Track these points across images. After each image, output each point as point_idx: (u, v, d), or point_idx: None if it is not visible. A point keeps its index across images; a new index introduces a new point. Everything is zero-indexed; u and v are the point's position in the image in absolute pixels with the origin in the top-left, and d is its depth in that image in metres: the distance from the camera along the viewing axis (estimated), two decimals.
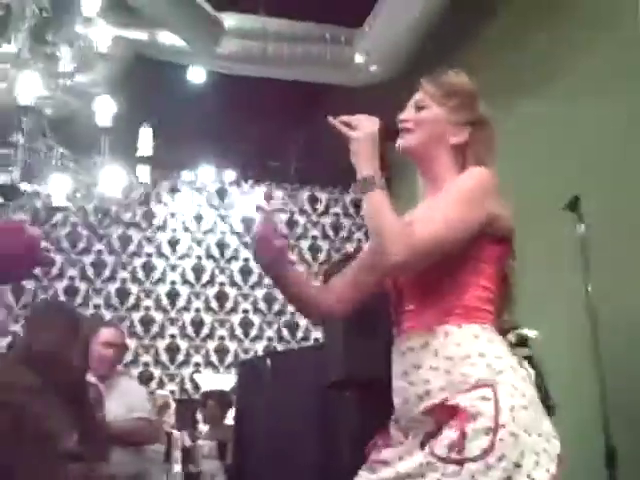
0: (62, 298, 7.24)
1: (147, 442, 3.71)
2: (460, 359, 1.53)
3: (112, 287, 7.58)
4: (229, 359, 7.60)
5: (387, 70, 6.03)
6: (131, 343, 7.41)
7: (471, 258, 1.60)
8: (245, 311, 7.84)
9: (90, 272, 7.54)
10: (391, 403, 1.67)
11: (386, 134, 1.67)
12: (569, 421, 3.03)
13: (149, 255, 7.75)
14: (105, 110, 4.22)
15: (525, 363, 1.66)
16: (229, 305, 7.83)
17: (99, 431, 2.86)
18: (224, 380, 6.49)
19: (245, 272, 7.94)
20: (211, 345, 7.67)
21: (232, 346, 7.70)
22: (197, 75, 6.91)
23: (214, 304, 7.79)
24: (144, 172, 4.36)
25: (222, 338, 7.71)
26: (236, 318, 7.80)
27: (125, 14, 5.46)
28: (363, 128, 1.61)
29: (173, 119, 6.93)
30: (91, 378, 3.35)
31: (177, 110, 6.86)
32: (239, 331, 7.77)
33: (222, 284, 7.88)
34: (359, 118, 1.63)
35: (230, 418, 5.43)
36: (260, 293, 7.93)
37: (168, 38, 5.79)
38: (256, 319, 7.84)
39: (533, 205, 4.21)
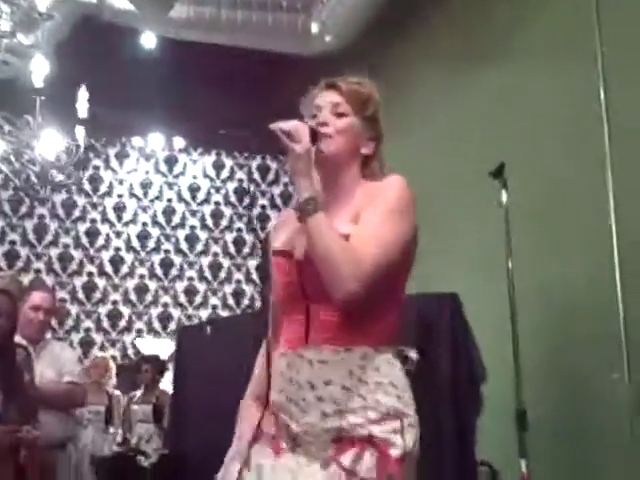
0: (2, 263, 7.14)
1: (76, 406, 3.71)
2: (375, 385, 1.51)
3: (54, 252, 7.50)
4: (172, 326, 7.61)
5: (342, 40, 6.01)
6: (73, 309, 7.37)
7: (395, 276, 1.56)
8: (190, 279, 7.84)
9: (32, 237, 7.45)
10: None
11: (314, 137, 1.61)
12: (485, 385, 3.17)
13: (93, 221, 7.68)
14: (39, 71, 4.13)
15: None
16: (174, 272, 7.81)
17: (26, 392, 2.85)
18: (165, 346, 6.50)
19: (191, 239, 7.92)
20: (154, 312, 7.66)
21: (176, 313, 7.70)
22: (148, 40, 6.79)
23: (159, 271, 7.77)
24: (80, 134, 4.30)
25: (166, 305, 7.70)
26: (181, 285, 7.80)
27: None
28: (301, 141, 1.54)
29: (123, 84, 6.83)
30: (21, 341, 3.33)
31: (128, 75, 6.75)
32: (183, 298, 7.77)
33: (167, 251, 7.85)
34: (296, 128, 1.55)
35: (165, 382, 5.47)
36: (206, 261, 7.93)
37: (118, 1, 5.68)
38: (201, 287, 7.85)
39: (466, 171, 4.34)
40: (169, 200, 7.96)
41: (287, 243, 1.64)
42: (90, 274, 7.55)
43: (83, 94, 4.32)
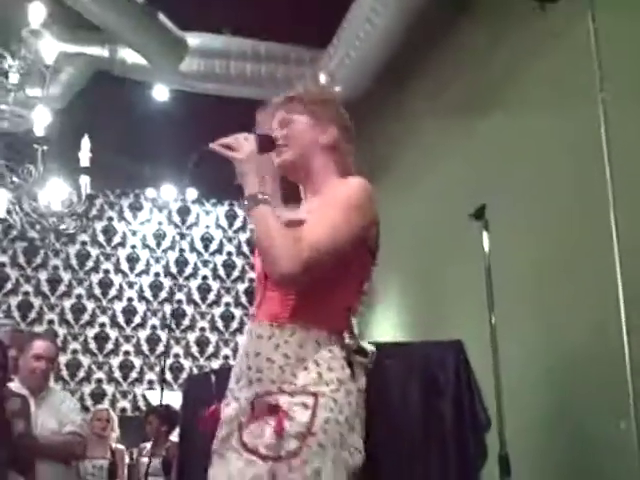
0: (16, 314, 7.18)
1: (76, 457, 3.66)
2: (296, 361, 1.57)
3: (67, 303, 7.53)
4: (184, 377, 7.56)
5: (351, 91, 6.10)
6: (84, 360, 7.37)
7: (344, 265, 1.63)
8: (202, 329, 7.83)
9: (45, 288, 7.50)
10: None
11: (274, 145, 1.74)
12: None
13: (107, 272, 7.73)
14: (41, 120, 4.23)
15: (361, 372, 1.69)
16: (186, 323, 7.81)
17: (17, 443, 2.82)
18: (175, 398, 6.43)
19: (203, 290, 7.93)
20: (166, 363, 7.64)
21: (187, 364, 7.66)
22: (160, 93, 6.93)
23: (170, 321, 7.78)
24: (84, 183, 4.36)
25: (177, 356, 7.67)
26: (192, 336, 7.78)
27: (87, 31, 5.51)
28: (243, 148, 1.66)
29: (136, 136, 6.94)
30: (22, 390, 3.32)
31: (140, 127, 6.87)
32: (195, 349, 7.74)
33: (179, 302, 7.86)
34: (237, 138, 1.68)
35: (175, 435, 5.38)
36: (218, 311, 7.92)
37: (130, 56, 5.82)
38: (213, 337, 7.82)
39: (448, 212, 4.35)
40: (182, 250, 8.00)
41: None
42: (102, 325, 7.56)
43: (86, 143, 4.40)
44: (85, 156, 4.32)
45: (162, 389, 7.38)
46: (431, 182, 5.34)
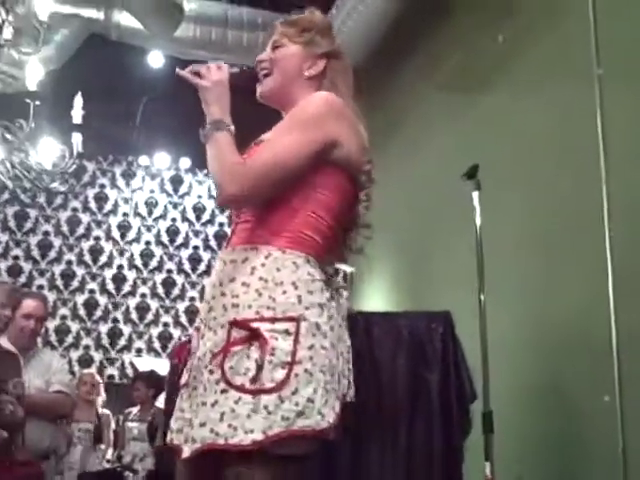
0: (5, 278, 7.16)
1: (63, 415, 3.67)
2: (274, 284, 1.51)
3: (57, 269, 7.52)
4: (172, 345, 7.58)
5: (349, 59, 6.07)
6: (73, 326, 7.38)
7: (306, 183, 1.59)
8: (192, 299, 7.83)
9: (36, 253, 7.48)
10: None
11: (246, 81, 1.73)
12: None
13: (97, 239, 7.71)
14: (34, 74, 4.17)
15: (341, 294, 1.65)
16: (175, 292, 7.80)
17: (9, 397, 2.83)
18: (163, 365, 6.44)
19: (194, 260, 7.92)
20: (155, 331, 7.64)
21: (176, 333, 7.68)
22: (156, 59, 6.88)
23: (160, 290, 7.77)
24: (76, 141, 4.31)
25: (166, 325, 7.68)
26: (182, 305, 7.78)
27: None
28: (211, 76, 1.64)
29: (131, 103, 6.90)
30: (11, 348, 3.32)
31: (135, 94, 6.82)
32: (184, 318, 7.75)
33: (170, 271, 7.85)
34: (209, 67, 1.66)
35: (161, 401, 5.40)
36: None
37: (126, 19, 5.75)
38: None
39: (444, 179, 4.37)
40: (173, 220, 7.98)
41: None
42: (92, 291, 7.55)
43: (79, 101, 4.35)
44: (78, 114, 4.27)
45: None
46: (428, 151, 5.34)
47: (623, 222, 3.29)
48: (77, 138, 4.27)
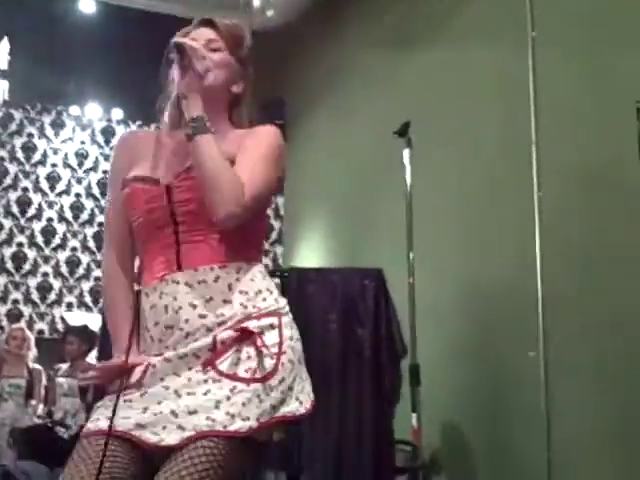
0: None
1: None
2: (254, 294, 1.61)
3: None
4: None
5: (283, 16, 6.00)
6: (0, 280, 7.19)
7: (262, 210, 1.71)
8: None
9: None
10: None
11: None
12: None
13: (25, 190, 7.48)
14: None
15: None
16: None
17: None
18: (95, 320, 6.36)
19: None
20: (86, 286, 7.51)
21: None
22: (87, 5, 6.67)
23: (92, 244, 7.61)
24: (3, 89, 4.13)
25: (98, 279, 7.55)
26: None
27: None
28: (203, 59, 1.62)
29: (61, 50, 6.65)
30: None
31: (66, 41, 6.58)
32: None
33: (101, 224, 7.69)
34: (201, 48, 1.65)
35: (92, 356, 5.35)
36: None
37: None
38: (136, 261, 7.71)
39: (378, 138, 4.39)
40: (104, 172, 7.79)
41: (151, 169, 1.66)
42: (20, 244, 7.36)
43: (4, 45, 4.16)
44: (3, 59, 4.08)
45: None
46: (363, 109, 5.34)
47: (552, 183, 3.38)
48: (3, 85, 4.09)
